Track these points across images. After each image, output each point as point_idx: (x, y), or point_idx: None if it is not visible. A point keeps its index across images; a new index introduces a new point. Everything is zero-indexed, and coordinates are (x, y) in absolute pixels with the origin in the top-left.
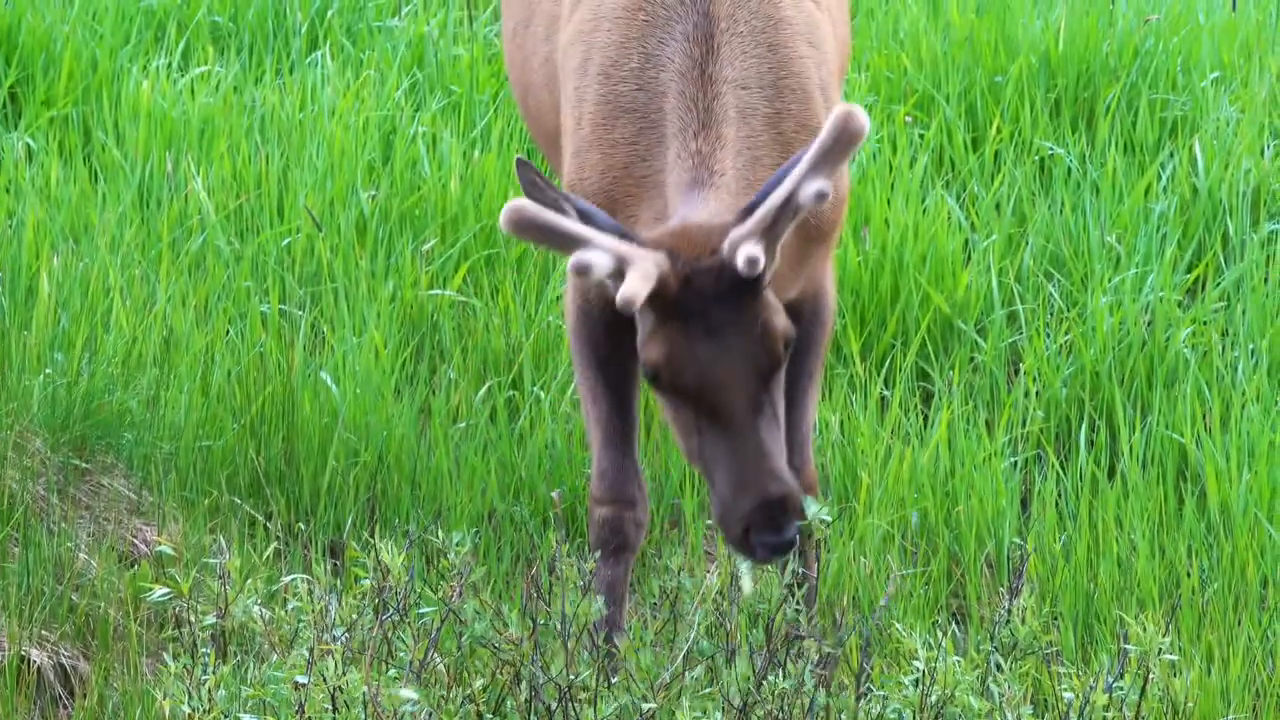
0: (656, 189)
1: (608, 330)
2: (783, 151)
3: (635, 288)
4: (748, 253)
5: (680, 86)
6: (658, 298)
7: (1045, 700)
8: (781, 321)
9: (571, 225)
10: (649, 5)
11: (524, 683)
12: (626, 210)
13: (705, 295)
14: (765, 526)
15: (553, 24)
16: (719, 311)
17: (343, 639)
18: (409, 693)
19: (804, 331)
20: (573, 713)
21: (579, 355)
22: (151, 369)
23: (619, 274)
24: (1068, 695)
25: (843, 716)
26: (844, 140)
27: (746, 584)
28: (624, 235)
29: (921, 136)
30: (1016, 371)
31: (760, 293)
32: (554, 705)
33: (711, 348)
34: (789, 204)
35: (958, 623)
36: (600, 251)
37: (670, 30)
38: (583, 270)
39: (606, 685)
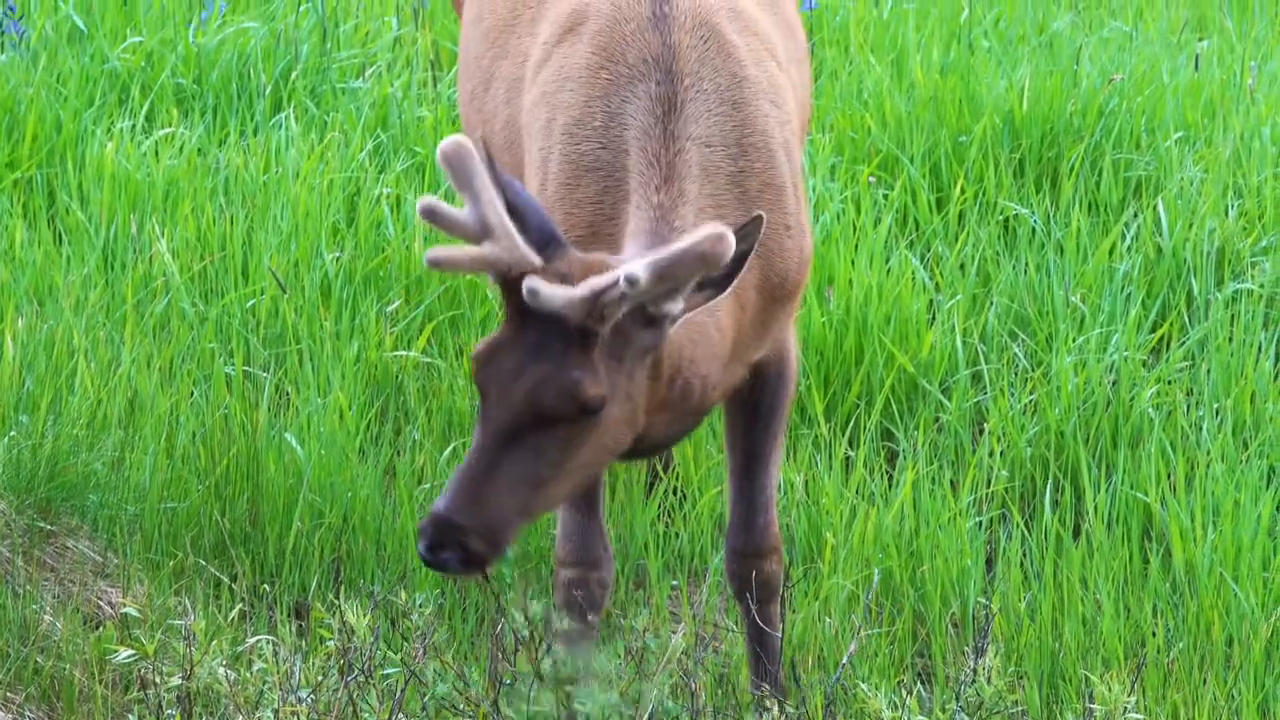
0: (619, 243)
1: None
2: (745, 210)
3: (446, 252)
4: (533, 283)
5: (643, 143)
6: (510, 295)
7: None
8: (589, 389)
9: (477, 181)
10: (612, 64)
11: None
12: None
13: (535, 314)
14: (425, 537)
15: (514, 86)
16: (536, 335)
17: (308, 700)
18: None
19: (769, 393)
20: None
21: None
22: (116, 431)
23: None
24: None
25: None
26: (700, 255)
27: None
28: (548, 241)
29: (885, 197)
30: (981, 431)
31: (583, 345)
32: None
33: (511, 361)
34: (617, 282)
35: (923, 682)
36: (472, 215)
37: (634, 89)
38: (429, 214)
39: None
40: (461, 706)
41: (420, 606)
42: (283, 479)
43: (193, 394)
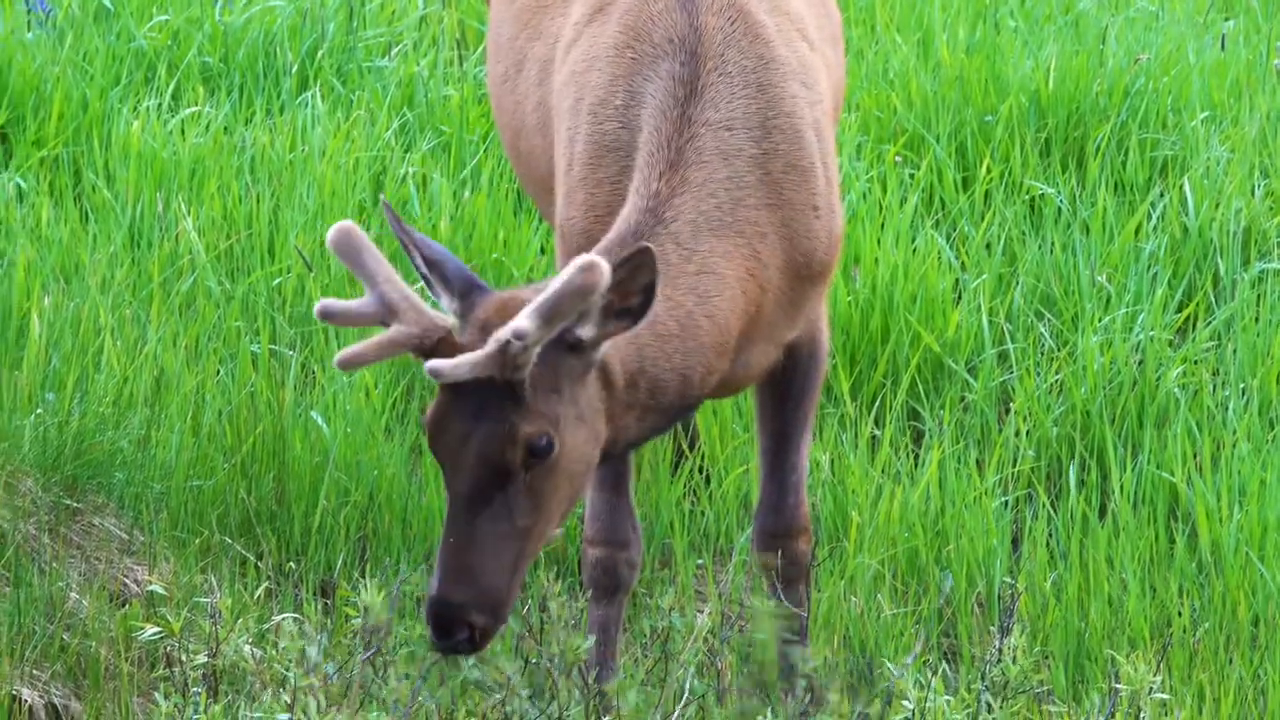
0: None
1: None
2: (770, 191)
3: (353, 350)
4: (432, 366)
5: (657, 123)
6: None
7: None
8: (532, 429)
9: (370, 263)
10: (637, 44)
11: None
12: None
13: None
14: (430, 624)
15: (545, 68)
16: (479, 398)
17: (331, 677)
18: None
19: (800, 373)
20: None
21: None
22: (142, 409)
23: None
24: None
25: None
26: (576, 290)
27: None
28: (469, 289)
29: (911, 176)
30: (1007, 411)
31: (513, 395)
32: None
33: (455, 429)
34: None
35: (948, 662)
36: (372, 299)
37: (656, 68)
38: (325, 315)
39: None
40: (490, 685)
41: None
42: (308, 457)
43: (219, 372)
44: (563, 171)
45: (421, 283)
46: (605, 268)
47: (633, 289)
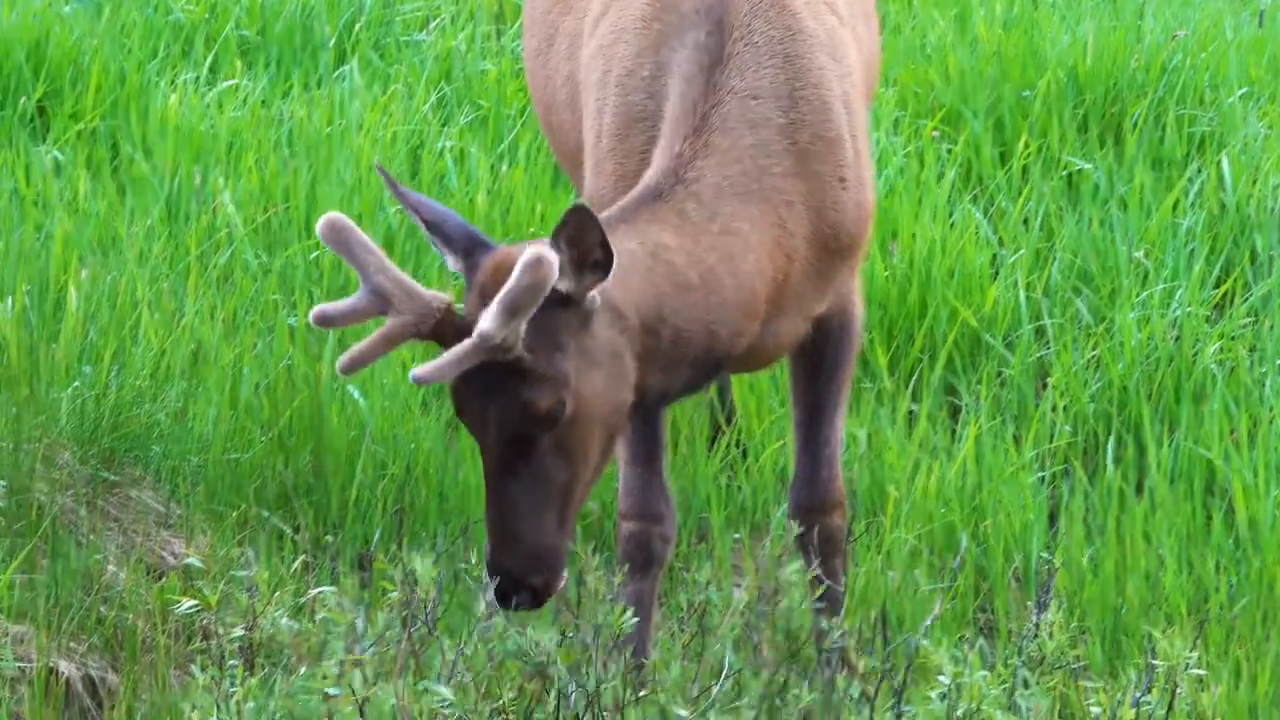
0: None
1: None
2: (797, 161)
3: (355, 352)
4: (416, 373)
5: (683, 89)
6: (442, 341)
7: (1072, 715)
8: (541, 397)
9: (363, 254)
10: (665, 15)
11: (553, 693)
12: None
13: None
14: (493, 591)
15: (575, 41)
16: (485, 374)
17: (371, 651)
18: (444, 690)
19: (832, 347)
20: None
21: None
22: (179, 381)
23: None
24: (1095, 710)
25: None
26: (529, 287)
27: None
28: (473, 246)
29: (949, 151)
30: (1044, 386)
31: (516, 365)
32: (582, 716)
33: (473, 402)
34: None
35: (985, 637)
36: (364, 292)
37: (683, 39)
38: (322, 321)
39: (635, 697)
40: (529, 658)
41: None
42: (345, 430)
43: (256, 345)
44: (591, 144)
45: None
46: (550, 260)
47: (588, 247)
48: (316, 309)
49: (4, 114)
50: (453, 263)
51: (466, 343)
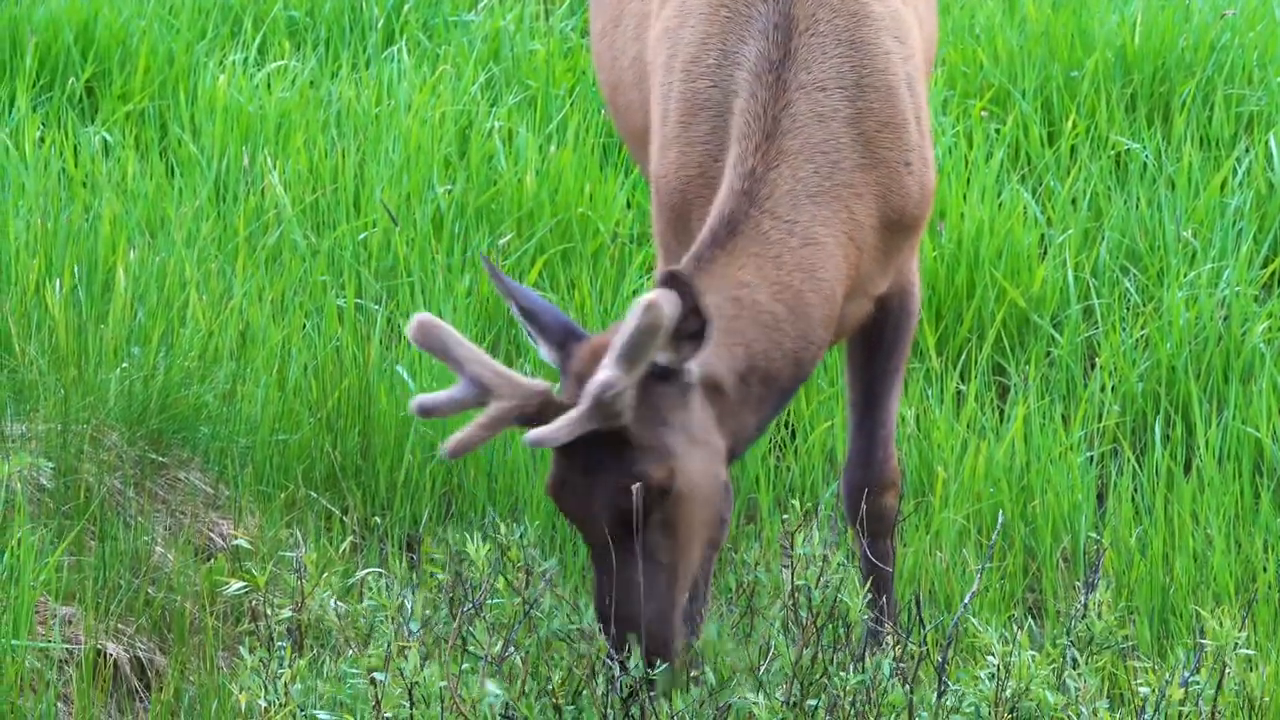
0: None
1: None
2: (864, 151)
3: (459, 438)
4: (530, 437)
5: (753, 88)
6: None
7: (1121, 695)
8: (654, 470)
9: (457, 349)
10: (732, 1)
11: (600, 676)
12: (700, 211)
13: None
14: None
15: (642, 22)
16: (591, 450)
17: (418, 634)
18: (492, 686)
19: (891, 326)
20: (649, 706)
21: None
22: (228, 363)
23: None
24: (1143, 690)
25: (922, 712)
26: (644, 330)
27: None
28: (566, 338)
29: (998, 131)
30: (1092, 366)
31: (623, 439)
32: (630, 698)
33: (580, 484)
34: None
35: (1033, 617)
36: (464, 384)
37: (749, 28)
38: (424, 412)
39: (686, 681)
40: (575, 639)
41: (523, 538)
42: (394, 412)
43: (304, 326)
44: (657, 126)
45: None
46: (666, 301)
47: (683, 316)
48: (417, 401)
49: (53, 95)
50: (546, 353)
51: (585, 398)
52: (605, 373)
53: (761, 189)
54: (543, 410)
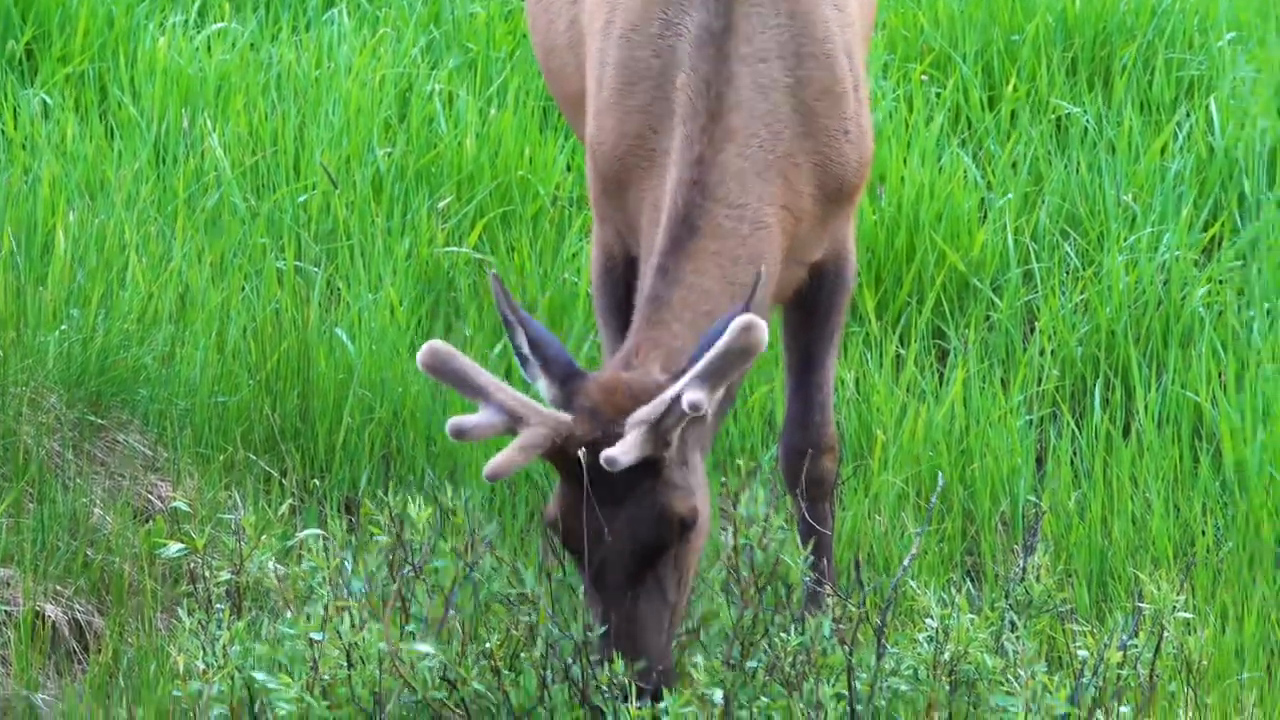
0: (660, 171)
1: (630, 288)
2: (804, 121)
3: (500, 462)
4: (609, 454)
5: (694, 62)
6: (561, 459)
7: (1059, 658)
8: (682, 505)
9: (477, 378)
10: None
11: (539, 639)
12: (638, 182)
13: (595, 466)
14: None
15: None
16: (614, 485)
17: (359, 594)
18: (425, 646)
19: (826, 292)
20: (588, 669)
21: (601, 312)
22: (167, 325)
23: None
24: (1082, 653)
25: (861, 674)
26: (739, 351)
27: None
28: (568, 376)
29: (938, 95)
30: (1032, 330)
31: (660, 473)
32: (570, 661)
33: (601, 518)
34: (673, 409)
35: (972, 580)
36: (492, 410)
37: None
38: (458, 435)
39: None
40: (515, 602)
41: (469, 502)
42: (333, 374)
43: (244, 289)
44: (593, 92)
45: (516, 360)
46: (764, 326)
47: None
48: (454, 423)
49: None
50: (545, 388)
51: (655, 408)
52: (694, 393)
53: (711, 175)
54: (569, 442)
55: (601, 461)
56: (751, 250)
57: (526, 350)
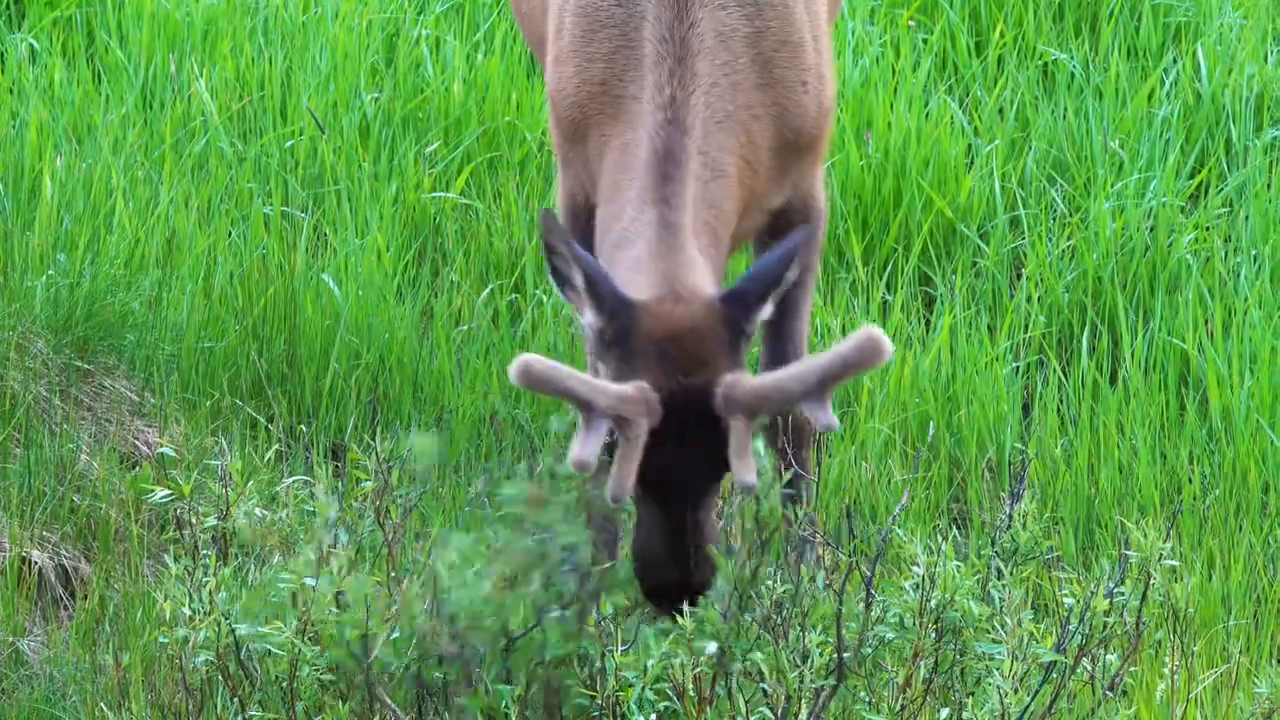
0: (631, 116)
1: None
2: (762, 71)
3: (622, 475)
4: (746, 483)
5: (657, 11)
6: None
7: (1046, 605)
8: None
9: (577, 384)
10: None
11: (539, 570)
12: (599, 128)
13: (683, 418)
14: (663, 602)
15: None
16: (693, 430)
17: (344, 541)
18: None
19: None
20: (590, 607)
21: None
22: (154, 270)
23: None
24: (1068, 600)
25: (850, 623)
26: (858, 365)
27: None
28: (619, 308)
29: (925, 40)
30: (1019, 276)
31: (718, 421)
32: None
33: (677, 457)
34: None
35: (958, 528)
36: (595, 420)
37: None
38: (583, 466)
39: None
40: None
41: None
42: (320, 320)
43: (230, 234)
44: (552, 37)
45: (554, 286)
46: (888, 341)
47: None
48: (577, 459)
49: None
50: (592, 318)
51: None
52: (826, 418)
53: (685, 114)
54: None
55: (738, 489)
56: (710, 196)
57: (583, 284)
